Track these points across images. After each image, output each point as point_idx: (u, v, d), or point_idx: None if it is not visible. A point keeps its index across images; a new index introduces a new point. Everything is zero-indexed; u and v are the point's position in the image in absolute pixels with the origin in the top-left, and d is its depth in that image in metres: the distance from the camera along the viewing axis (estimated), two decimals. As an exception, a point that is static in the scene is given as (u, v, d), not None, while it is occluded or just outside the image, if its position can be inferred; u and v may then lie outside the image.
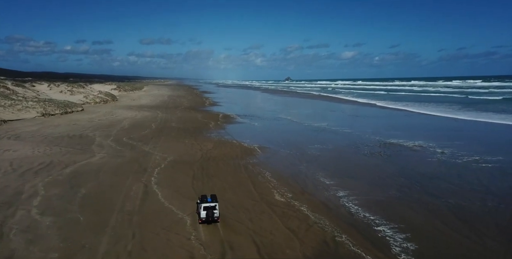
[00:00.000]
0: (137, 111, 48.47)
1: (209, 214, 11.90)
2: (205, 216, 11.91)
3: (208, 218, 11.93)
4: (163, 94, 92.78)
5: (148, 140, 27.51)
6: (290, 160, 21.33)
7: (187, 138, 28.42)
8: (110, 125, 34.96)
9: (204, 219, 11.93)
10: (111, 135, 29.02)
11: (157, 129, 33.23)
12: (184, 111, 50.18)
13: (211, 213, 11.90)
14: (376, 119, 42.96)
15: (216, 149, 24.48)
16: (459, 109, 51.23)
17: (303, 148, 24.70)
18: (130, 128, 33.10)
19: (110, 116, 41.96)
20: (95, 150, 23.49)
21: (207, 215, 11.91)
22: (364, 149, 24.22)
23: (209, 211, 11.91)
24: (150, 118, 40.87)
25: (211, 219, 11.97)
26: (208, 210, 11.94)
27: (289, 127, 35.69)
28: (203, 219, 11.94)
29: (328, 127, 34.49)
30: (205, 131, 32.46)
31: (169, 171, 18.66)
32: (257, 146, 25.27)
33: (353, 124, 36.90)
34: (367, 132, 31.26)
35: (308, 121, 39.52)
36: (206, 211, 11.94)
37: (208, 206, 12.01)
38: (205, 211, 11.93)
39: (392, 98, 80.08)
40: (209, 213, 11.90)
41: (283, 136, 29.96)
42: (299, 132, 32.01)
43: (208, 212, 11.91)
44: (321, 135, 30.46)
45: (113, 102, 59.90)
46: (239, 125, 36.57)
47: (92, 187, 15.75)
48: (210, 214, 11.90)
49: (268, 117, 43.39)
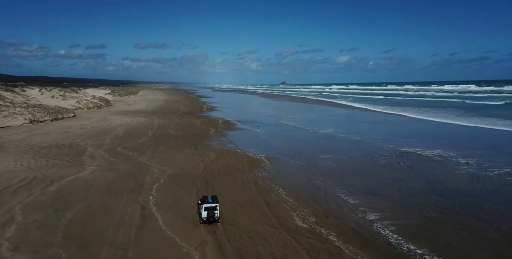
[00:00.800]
0: (132, 117, 45.95)
1: (210, 214, 12.14)
2: (206, 216, 12.16)
3: (209, 218, 12.19)
4: (158, 99, 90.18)
5: (145, 149, 25.07)
6: (303, 173, 19.05)
7: (187, 147, 26.04)
8: (104, 132, 32.43)
9: (205, 219, 12.20)
10: (104, 144, 26.52)
11: (154, 136, 30.79)
12: (181, 116, 47.75)
13: (212, 213, 12.14)
14: (381, 125, 40.93)
15: (219, 159, 22.13)
16: (460, 114, 49.31)
17: (314, 158, 22.45)
18: (125, 136, 30.61)
19: (103, 122, 39.39)
20: (85, 162, 21.00)
21: (208, 215, 12.15)
22: (381, 160, 22.04)
23: (210, 211, 12.15)
24: (146, 125, 38.39)
25: (212, 219, 12.22)
26: (209, 211, 12.17)
27: (294, 134, 33.45)
28: (204, 219, 12.20)
29: (335, 134, 32.32)
30: (205, 138, 30.09)
31: (170, 188, 16.28)
32: (263, 156, 22.98)
33: (360, 131, 34.79)
34: (377, 140, 29.14)
35: (313, 127, 37.34)
36: (207, 211, 12.17)
37: (209, 207, 12.22)
38: (206, 212, 12.17)
39: (390, 103, 78.48)
40: (210, 213, 12.14)
41: (290, 144, 27.71)
42: (306, 140, 29.78)
43: (209, 212, 12.15)
44: (330, 143, 28.26)
45: (107, 107, 57.23)
46: (240, 132, 34.26)
47: (79, 210, 13.31)
48: (211, 214, 12.15)
49: (270, 123, 41.15)
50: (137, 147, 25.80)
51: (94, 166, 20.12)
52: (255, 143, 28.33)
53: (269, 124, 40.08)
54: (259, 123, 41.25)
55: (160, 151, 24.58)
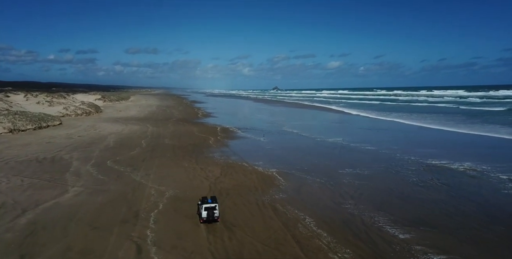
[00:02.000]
0: (123, 124, 42.45)
1: (209, 214, 12.39)
2: (206, 216, 12.38)
3: (209, 218, 12.44)
4: (151, 104, 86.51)
5: (139, 163, 21.79)
6: (328, 194, 16.05)
7: (186, 160, 22.85)
8: (92, 142, 28.98)
9: (205, 219, 12.43)
10: (92, 157, 23.15)
11: (149, 147, 27.48)
12: (176, 123, 44.43)
13: (211, 213, 12.39)
14: (389, 132, 38.27)
15: (226, 176, 19.01)
16: (461, 121, 46.79)
17: (334, 173, 19.49)
18: (116, 147, 27.23)
19: (92, 131, 35.86)
20: (69, 181, 17.65)
21: (208, 215, 12.37)
22: (409, 175, 19.19)
23: (210, 211, 12.39)
24: (139, 133, 35.00)
25: (212, 219, 12.48)
26: (209, 210, 12.40)
27: (301, 143, 30.48)
28: (204, 219, 12.43)
29: (346, 144, 29.45)
30: (205, 149, 26.92)
31: (171, 217, 13.10)
32: (275, 171, 19.93)
33: (369, 139, 32.00)
34: (393, 150, 26.37)
35: (318, 135, 34.45)
36: (207, 211, 12.37)
37: (208, 207, 12.44)
38: (206, 211, 12.38)
39: (386, 108, 76.41)
40: (210, 213, 12.39)
41: (300, 155, 24.73)
42: (317, 150, 26.84)
43: (209, 212, 12.38)
44: (344, 154, 25.35)
45: (97, 113, 53.53)
46: (243, 141, 31.16)
47: (54, 255, 10.05)
48: (210, 214, 12.39)
49: (272, 131, 38.15)
50: (130, 161, 22.50)
51: (79, 186, 16.79)
52: (261, 154, 25.27)
53: (272, 132, 37.06)
54: (260, 130, 38.25)
55: (156, 166, 21.33)
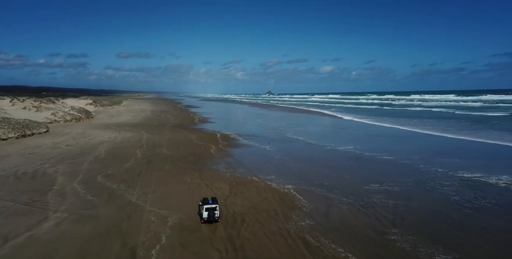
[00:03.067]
0: (116, 131, 39.33)
1: (210, 214, 12.35)
2: (207, 217, 12.33)
3: (210, 218, 12.39)
4: (144, 109, 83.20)
5: (134, 179, 18.86)
6: (363, 220, 13.33)
7: (188, 174, 20.00)
8: (81, 153, 25.90)
9: (206, 219, 12.36)
10: (80, 172, 20.13)
11: (145, 158, 24.53)
12: (173, 130, 41.45)
13: (212, 214, 12.36)
14: (399, 140, 35.85)
15: (236, 195, 16.21)
16: (465, 127, 44.79)
17: (360, 190, 16.84)
18: (108, 158, 24.22)
19: (82, 139, 32.70)
20: (50, 204, 14.67)
21: (208, 215, 12.33)
22: (447, 193, 16.62)
23: (211, 212, 12.36)
24: (134, 141, 31.97)
25: (212, 219, 12.43)
26: (210, 211, 12.37)
27: (310, 152, 27.83)
28: (205, 219, 12.37)
29: (359, 153, 26.87)
30: (208, 160, 24.09)
31: (178, 256, 10.24)
32: (292, 188, 17.20)
33: (383, 147, 29.48)
34: (413, 160, 23.88)
35: (326, 142, 31.86)
36: (208, 212, 12.34)
37: (209, 208, 12.41)
38: (207, 212, 12.33)
39: (383, 114, 74.53)
40: (211, 213, 12.35)
41: (315, 168, 22.06)
42: (331, 161, 24.19)
43: (209, 213, 12.35)
44: (362, 166, 22.75)
45: (88, 119, 50.20)
46: (247, 150, 28.38)
47: None
48: (211, 214, 12.36)
49: (276, 138, 35.45)
50: (124, 175, 19.55)
51: (62, 211, 13.82)
52: (271, 166, 22.52)
53: (276, 139, 34.34)
54: (262, 137, 35.54)
55: (154, 182, 18.42)
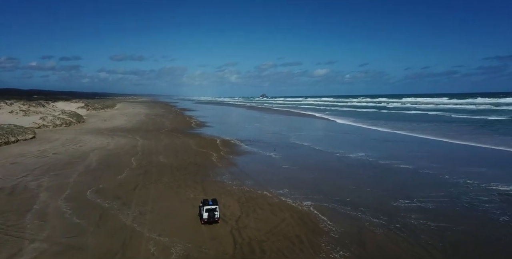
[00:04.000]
0: (109, 136, 36.67)
1: (210, 215, 12.38)
2: (207, 217, 12.37)
3: (210, 219, 12.41)
4: (139, 113, 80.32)
5: (129, 194, 16.40)
6: (408, 250, 11.00)
7: (190, 187, 17.59)
8: (70, 162, 23.31)
9: (206, 220, 12.40)
10: (67, 185, 17.59)
11: (140, 168, 22.05)
12: (170, 135, 38.92)
13: (212, 214, 12.39)
14: (407, 146, 33.81)
15: (249, 215, 13.85)
16: (468, 132, 43.04)
17: (390, 208, 14.58)
18: (100, 168, 21.68)
19: (71, 146, 30.02)
20: (28, 229, 12.14)
21: (209, 216, 12.37)
22: (492, 211, 14.36)
23: (211, 213, 12.38)
24: (128, 148, 29.42)
25: (212, 220, 12.44)
26: (210, 212, 12.39)
27: (320, 160, 25.59)
28: (205, 220, 12.41)
29: (373, 161, 24.69)
30: (211, 170, 21.69)
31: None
32: (311, 206, 14.89)
33: (395, 154, 27.36)
34: (435, 169, 21.73)
35: (334, 149, 29.66)
36: (208, 212, 12.37)
37: (209, 208, 12.42)
38: (207, 213, 12.37)
39: (381, 117, 72.84)
40: (211, 214, 12.38)
41: (330, 178, 19.80)
42: (345, 171, 21.94)
43: (209, 214, 12.38)
44: (381, 176, 20.53)
45: (79, 124, 47.33)
46: (252, 158, 26.04)
47: None
48: (211, 215, 12.39)
49: (280, 143, 33.16)
50: (117, 190, 17.06)
51: (41, 240, 11.31)
52: (281, 177, 20.21)
53: (280, 145, 32.05)
54: (265, 143, 33.26)
55: (152, 198, 15.98)
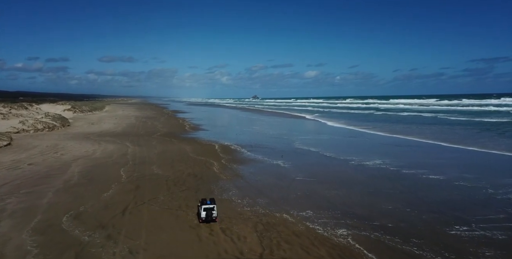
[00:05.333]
0: (96, 142, 32.81)
1: (208, 214, 12.58)
2: (205, 216, 12.56)
3: (208, 218, 12.58)
4: (129, 115, 76.02)
5: (116, 221, 12.87)
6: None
7: (192, 209, 14.15)
8: (47, 176, 19.56)
9: (204, 219, 12.60)
10: (38, 209, 13.95)
11: (131, 182, 18.48)
12: (163, 140, 35.25)
13: (210, 213, 12.59)
14: (422, 152, 30.97)
15: (273, 252, 10.48)
16: (471, 136, 40.82)
17: (450, 240, 11.38)
18: (82, 183, 18.02)
19: (52, 154, 26.14)
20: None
21: (206, 215, 12.56)
22: None
23: (209, 212, 12.58)
24: (117, 157, 25.72)
25: (210, 219, 12.63)
26: (208, 211, 12.56)
27: (335, 169, 22.36)
28: (203, 219, 12.60)
29: (395, 170, 21.60)
30: (214, 184, 18.26)
31: None
32: (349, 236, 11.64)
33: (416, 163, 24.31)
34: (470, 181, 18.73)
35: (346, 155, 26.54)
36: (206, 211, 12.56)
37: (207, 208, 12.59)
38: (205, 212, 12.56)
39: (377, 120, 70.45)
40: (209, 213, 12.58)
41: (357, 195, 16.56)
42: (369, 184, 18.65)
43: (207, 213, 12.57)
44: (415, 190, 17.33)
45: (63, 128, 43.14)
46: (258, 168, 22.66)
47: None
48: (209, 214, 12.59)
49: (285, 149, 29.88)
50: (101, 214, 13.51)
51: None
52: (299, 193, 16.87)
53: (286, 151, 28.75)
54: (269, 148, 29.95)
55: (146, 227, 12.48)
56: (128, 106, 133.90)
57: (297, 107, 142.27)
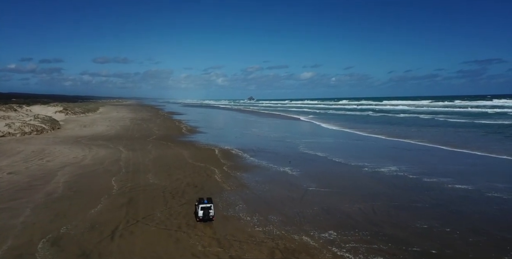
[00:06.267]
0: (87, 146, 30.29)
1: (205, 213, 12.47)
2: (202, 215, 12.46)
3: (205, 217, 12.49)
4: (123, 117, 73.26)
5: (104, 247, 10.49)
6: None
7: (193, 229, 11.84)
8: (27, 187, 17.09)
9: (201, 218, 12.48)
10: (10, 231, 11.51)
11: (123, 194, 16.10)
12: (158, 144, 32.82)
13: (207, 212, 12.48)
14: (434, 157, 28.97)
15: (300, 293, 8.27)
16: (477, 139, 39.22)
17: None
18: (67, 197, 15.61)
19: (37, 161, 23.62)
20: None
21: (204, 214, 12.47)
22: None
23: (206, 211, 12.48)
24: (108, 163, 23.29)
25: (207, 218, 12.51)
26: (205, 210, 12.47)
27: (350, 178, 20.14)
28: (201, 218, 12.49)
29: (415, 178, 19.48)
30: (217, 196, 15.93)
31: None
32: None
33: (437, 169, 22.26)
34: (505, 191, 16.76)
35: (357, 161, 24.40)
36: (203, 211, 12.44)
37: (204, 207, 12.50)
38: (202, 211, 12.44)
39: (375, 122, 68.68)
40: (206, 212, 12.47)
41: (382, 209, 14.33)
42: (395, 197, 16.39)
43: (204, 212, 12.46)
44: (447, 204, 15.11)
45: (53, 131, 40.44)
46: (264, 175, 20.38)
47: None
48: (206, 213, 12.47)
49: (290, 154, 27.67)
50: (85, 238, 11.14)
51: None
52: (315, 208, 14.60)
53: (291, 156, 26.52)
54: (272, 153, 27.75)
55: (139, 254, 10.15)
56: (123, 108, 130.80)
57: (293, 108, 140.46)
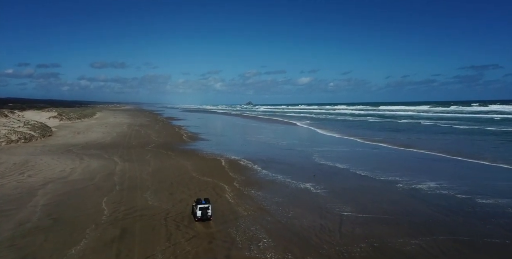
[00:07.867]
0: (78, 157, 26.65)
1: (203, 213, 12.58)
2: (201, 215, 12.57)
3: (203, 217, 12.60)
4: (121, 123, 69.45)
5: None
6: None
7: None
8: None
9: (200, 218, 12.59)
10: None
11: (114, 224, 12.54)
12: (158, 153, 29.24)
13: (205, 212, 12.59)
14: (471, 171, 25.75)
15: None
16: (503, 146, 36.09)
17: None
18: (42, 228, 11.99)
19: (16, 175, 19.96)
20: None
21: (202, 214, 12.57)
22: None
23: (204, 211, 12.59)
24: (100, 179, 19.69)
25: (205, 218, 12.62)
26: (203, 210, 12.59)
27: (386, 198, 16.66)
28: (199, 218, 12.59)
29: (467, 198, 16.05)
30: (233, 225, 12.42)
31: None
32: None
33: (483, 187, 18.96)
34: None
35: (386, 174, 20.99)
36: (201, 211, 12.57)
37: (202, 207, 12.60)
38: (201, 211, 12.57)
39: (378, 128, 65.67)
40: (204, 212, 12.58)
41: (447, 247, 10.85)
42: (452, 226, 12.94)
43: (203, 212, 12.58)
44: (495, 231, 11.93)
45: (43, 139, 36.65)
46: (283, 194, 16.88)
47: None
48: (204, 213, 12.59)
49: (307, 166, 24.19)
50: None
51: None
52: (362, 244, 11.10)
53: (307, 167, 23.03)
54: (285, 164, 24.33)
55: None
56: (120, 113, 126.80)
57: (292, 113, 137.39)
